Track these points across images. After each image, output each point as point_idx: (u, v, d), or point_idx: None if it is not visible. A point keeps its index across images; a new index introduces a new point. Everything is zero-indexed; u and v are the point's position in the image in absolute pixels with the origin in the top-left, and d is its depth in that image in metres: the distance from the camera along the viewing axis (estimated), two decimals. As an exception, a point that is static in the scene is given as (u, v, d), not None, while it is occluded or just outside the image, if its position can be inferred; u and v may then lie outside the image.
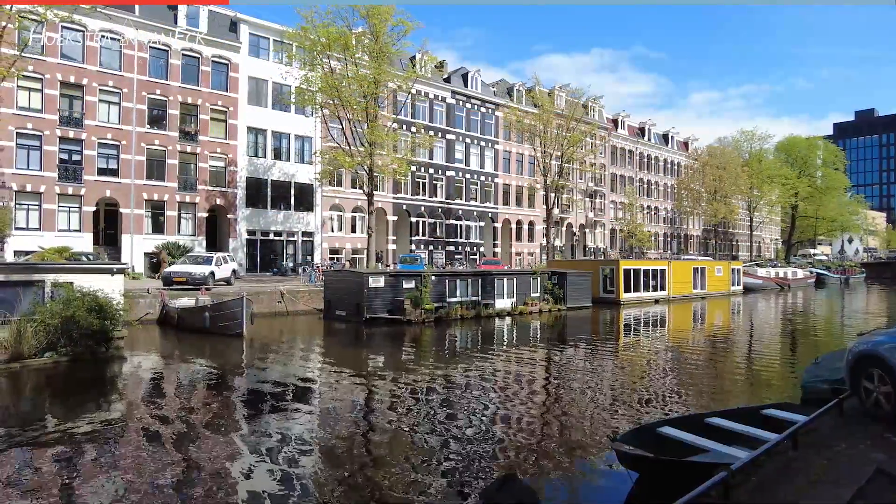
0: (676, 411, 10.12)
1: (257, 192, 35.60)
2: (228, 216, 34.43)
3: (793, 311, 33.71)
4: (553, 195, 45.27)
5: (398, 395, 11.67)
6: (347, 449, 8.34)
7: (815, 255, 76.70)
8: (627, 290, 32.93)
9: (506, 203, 50.20)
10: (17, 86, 27.17)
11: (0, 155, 27.03)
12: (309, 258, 37.04)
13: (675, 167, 70.26)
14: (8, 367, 12.62)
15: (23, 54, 23.44)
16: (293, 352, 17.55)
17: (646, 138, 66.17)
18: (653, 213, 66.55)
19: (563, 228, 54.83)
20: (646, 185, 65.99)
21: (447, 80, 46.07)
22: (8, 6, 21.15)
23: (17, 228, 26.89)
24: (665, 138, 70.13)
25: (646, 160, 66.14)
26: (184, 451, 8.18)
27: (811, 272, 58.28)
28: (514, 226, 50.81)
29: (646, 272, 34.83)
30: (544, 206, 47.09)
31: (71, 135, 29.15)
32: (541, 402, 11.38)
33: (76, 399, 11.50)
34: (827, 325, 26.77)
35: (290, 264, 36.13)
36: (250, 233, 35.32)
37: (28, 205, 28.00)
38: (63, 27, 27.88)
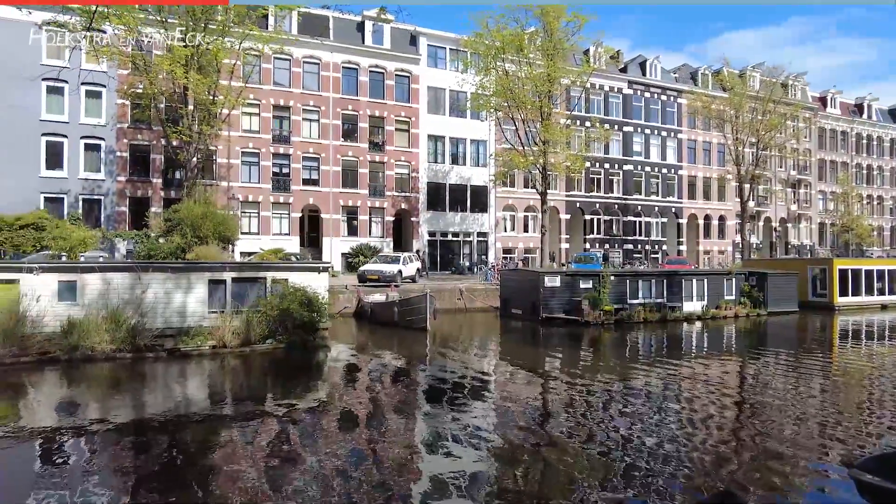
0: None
1: (436, 196, 37.52)
2: (412, 219, 36.82)
3: None
4: (748, 186, 41.00)
5: (574, 398, 11.41)
6: (520, 448, 8.33)
7: None
8: (844, 293, 28.44)
9: (691, 197, 46.47)
10: (242, 112, 31.94)
11: (230, 171, 32.06)
12: (483, 257, 38.07)
13: (907, 147, 58.91)
14: (241, 351, 14.91)
15: (246, 85, 27.52)
16: (472, 347, 18.16)
17: (864, 116, 56.44)
18: (874, 203, 56.55)
19: (760, 223, 49.14)
20: (864, 171, 56.26)
21: (623, 70, 44.08)
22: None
23: (242, 233, 31.63)
24: (892, 114, 59.14)
25: (864, 142, 56.43)
26: (373, 432, 8.97)
27: None
28: (700, 221, 46.79)
29: (868, 273, 29.78)
30: (737, 199, 42.78)
31: (281, 151, 33.53)
32: (735, 417, 10.21)
33: (291, 381, 13.21)
34: None
35: (467, 263, 37.48)
36: (431, 234, 37.36)
37: (249, 213, 32.83)
38: (275, 58, 32.13)
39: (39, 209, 27.01)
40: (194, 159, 25.88)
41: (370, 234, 35.61)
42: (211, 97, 24.99)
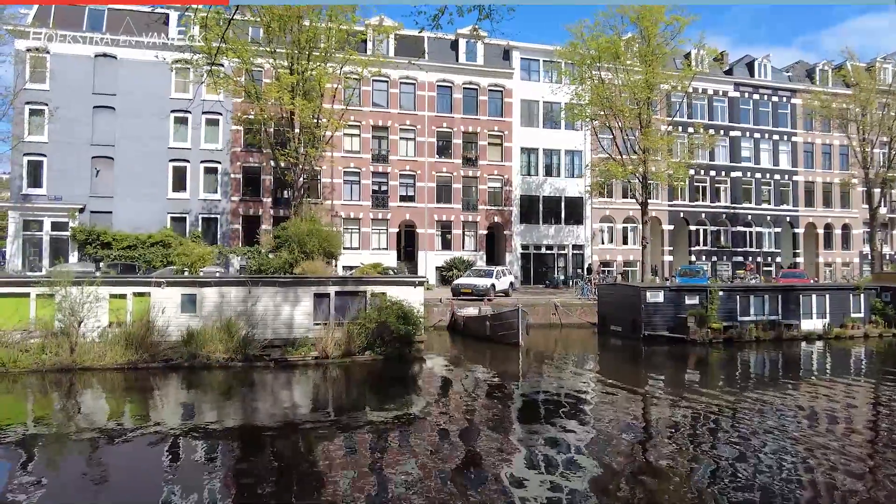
0: None
1: (530, 209, 37.21)
2: (505, 232, 36.76)
3: None
4: (878, 191, 37.04)
5: (678, 423, 10.76)
6: (619, 476, 7.98)
7: None
8: None
9: (808, 204, 42.66)
10: (344, 133, 33.53)
11: (333, 190, 33.72)
12: (579, 271, 37.13)
13: None
14: (342, 361, 15.55)
15: (347, 108, 28.91)
16: (567, 365, 17.70)
17: None
18: None
19: (895, 232, 44.10)
20: None
21: (729, 72, 41.55)
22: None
23: (344, 248, 33.08)
24: None
25: None
26: (465, 450, 8.97)
27: None
28: (820, 231, 42.78)
29: None
30: (865, 206, 38.79)
31: (380, 169, 34.79)
32: (865, 455, 9.10)
33: (387, 392, 13.58)
34: None
35: (561, 277, 36.75)
36: (524, 247, 37.06)
37: (351, 229, 34.30)
38: (373, 80, 33.51)
39: (166, 228, 29.89)
40: (301, 179, 27.47)
41: (463, 247, 35.94)
42: (315, 121, 26.48)
